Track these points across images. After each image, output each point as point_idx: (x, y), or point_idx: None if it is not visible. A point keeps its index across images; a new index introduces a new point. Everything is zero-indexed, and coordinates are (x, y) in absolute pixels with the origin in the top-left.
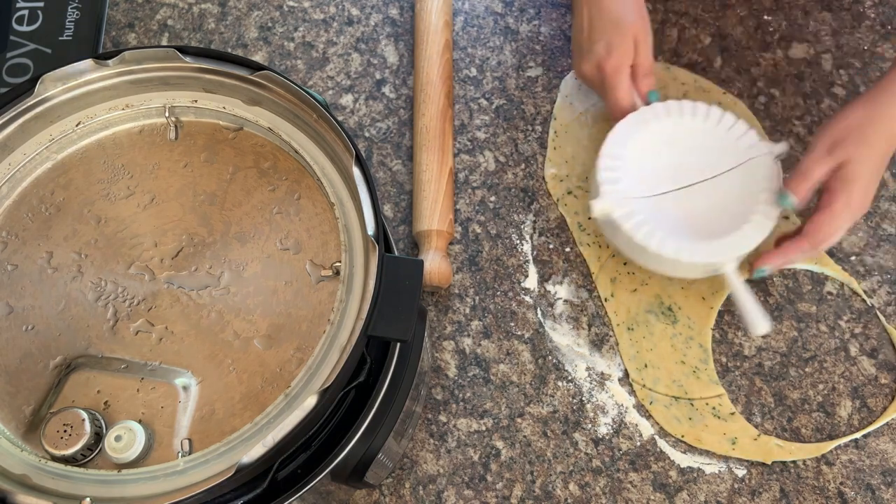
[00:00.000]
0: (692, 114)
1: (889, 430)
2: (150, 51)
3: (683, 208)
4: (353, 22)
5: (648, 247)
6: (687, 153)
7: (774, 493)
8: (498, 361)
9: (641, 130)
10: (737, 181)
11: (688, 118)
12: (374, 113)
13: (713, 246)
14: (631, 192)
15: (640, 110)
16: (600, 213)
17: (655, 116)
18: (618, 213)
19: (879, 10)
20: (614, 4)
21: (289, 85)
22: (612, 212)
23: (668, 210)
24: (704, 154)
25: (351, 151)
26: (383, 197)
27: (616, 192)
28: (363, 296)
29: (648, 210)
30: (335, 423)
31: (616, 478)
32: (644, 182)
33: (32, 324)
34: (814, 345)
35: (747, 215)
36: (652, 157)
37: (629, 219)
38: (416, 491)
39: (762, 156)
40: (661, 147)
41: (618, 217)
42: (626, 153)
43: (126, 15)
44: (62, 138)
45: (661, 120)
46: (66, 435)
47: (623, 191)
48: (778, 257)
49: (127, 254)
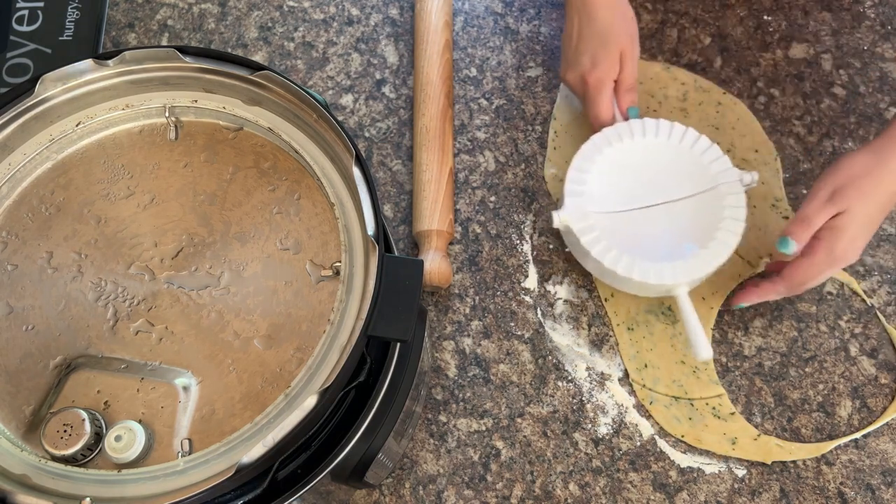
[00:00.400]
0: (667, 134)
1: (889, 430)
2: (150, 51)
3: (644, 227)
4: (353, 22)
5: (603, 262)
6: (656, 173)
7: (774, 493)
8: (498, 361)
9: (613, 146)
10: (701, 206)
11: (662, 138)
12: (374, 113)
13: (667, 268)
14: (593, 207)
15: (615, 126)
16: (560, 224)
17: (630, 133)
18: (577, 226)
19: (879, 10)
20: (604, 16)
21: (289, 85)
22: (571, 224)
23: (629, 228)
24: (674, 175)
25: (351, 151)
26: (383, 197)
27: (579, 204)
28: (363, 296)
29: (609, 226)
30: (335, 423)
31: (616, 478)
32: (608, 198)
33: (32, 324)
34: (814, 345)
35: (706, 241)
36: (620, 174)
37: (587, 233)
38: (416, 491)
39: (730, 183)
40: (631, 164)
41: (577, 230)
42: (594, 167)
43: (126, 15)
44: (62, 138)
45: (634, 138)
46: (66, 435)
47: (585, 204)
48: (755, 296)
49: (127, 254)
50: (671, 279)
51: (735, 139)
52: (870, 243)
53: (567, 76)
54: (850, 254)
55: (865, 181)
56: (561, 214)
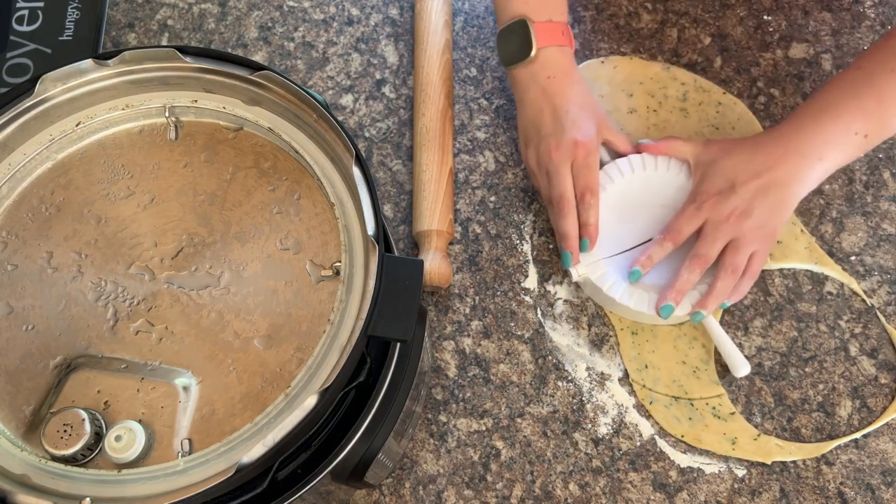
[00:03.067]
0: (653, 167)
1: (889, 430)
2: (150, 51)
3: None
4: (353, 22)
5: (629, 305)
6: (651, 206)
7: (774, 493)
8: (498, 361)
9: (607, 189)
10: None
11: (650, 171)
12: (374, 113)
13: (693, 295)
14: (600, 254)
15: (605, 168)
16: (579, 278)
17: (619, 173)
18: (595, 276)
19: (879, 10)
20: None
21: (289, 85)
22: (588, 275)
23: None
24: (670, 203)
25: (351, 151)
26: (383, 197)
27: (589, 255)
28: (363, 296)
29: (619, 267)
30: (335, 423)
31: (616, 478)
32: (617, 240)
33: (32, 324)
34: (814, 345)
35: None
36: (619, 214)
37: (605, 280)
38: (416, 491)
39: None
40: (627, 202)
41: (595, 280)
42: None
43: (126, 15)
44: (62, 138)
45: (624, 176)
46: (66, 435)
47: (594, 253)
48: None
49: (127, 254)
50: (684, 308)
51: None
52: (870, 243)
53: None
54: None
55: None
56: (578, 270)
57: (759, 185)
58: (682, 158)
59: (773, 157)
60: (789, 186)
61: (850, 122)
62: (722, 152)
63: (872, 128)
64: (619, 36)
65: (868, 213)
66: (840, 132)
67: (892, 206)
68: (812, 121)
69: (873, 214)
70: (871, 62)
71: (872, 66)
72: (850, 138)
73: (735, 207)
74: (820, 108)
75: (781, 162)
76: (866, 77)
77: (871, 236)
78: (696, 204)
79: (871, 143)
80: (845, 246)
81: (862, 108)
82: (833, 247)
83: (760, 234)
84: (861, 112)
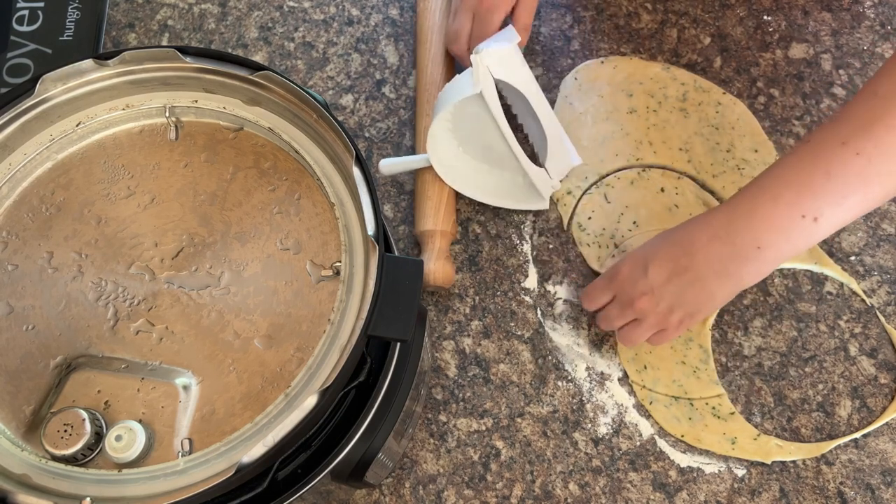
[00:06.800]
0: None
1: (889, 429)
2: (151, 51)
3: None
4: (353, 22)
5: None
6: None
7: (774, 492)
8: (498, 361)
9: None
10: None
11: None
12: (374, 113)
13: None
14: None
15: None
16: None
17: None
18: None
19: (879, 10)
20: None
21: (289, 85)
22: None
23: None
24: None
25: (351, 151)
26: (383, 197)
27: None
28: (363, 296)
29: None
30: (335, 423)
31: (616, 477)
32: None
33: (33, 324)
34: (813, 345)
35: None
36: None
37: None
38: (416, 491)
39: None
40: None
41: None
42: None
43: (126, 15)
44: (62, 138)
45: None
46: (66, 435)
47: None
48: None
49: (127, 254)
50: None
51: (735, 139)
52: (869, 243)
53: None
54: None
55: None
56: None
57: (671, 272)
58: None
59: (695, 245)
60: (706, 279)
61: (794, 204)
62: (653, 238)
63: (823, 208)
64: (618, 36)
65: (868, 213)
66: (782, 216)
67: (892, 206)
68: (748, 203)
69: (873, 214)
70: (819, 134)
71: (821, 138)
72: (795, 222)
73: (642, 292)
74: (760, 189)
75: (702, 250)
76: (813, 151)
77: (870, 236)
78: (609, 277)
79: (826, 227)
80: (845, 246)
81: (808, 185)
82: (833, 247)
83: (669, 319)
84: (808, 191)
